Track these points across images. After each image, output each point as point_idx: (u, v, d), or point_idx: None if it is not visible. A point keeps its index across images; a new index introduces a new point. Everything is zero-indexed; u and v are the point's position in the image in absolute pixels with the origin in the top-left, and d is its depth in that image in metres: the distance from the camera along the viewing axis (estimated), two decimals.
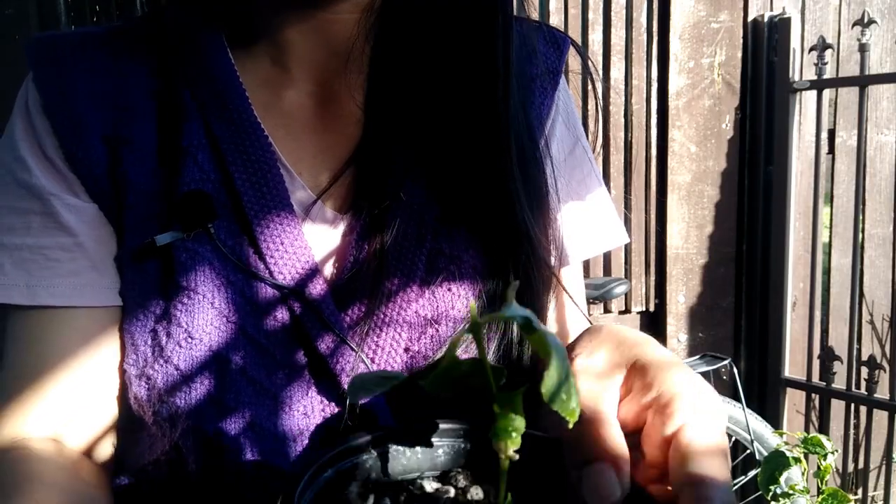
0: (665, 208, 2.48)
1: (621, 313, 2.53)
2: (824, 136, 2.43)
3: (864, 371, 2.37)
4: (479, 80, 0.63)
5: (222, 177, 0.60)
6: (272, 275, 0.59)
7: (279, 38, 0.64)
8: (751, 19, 2.48)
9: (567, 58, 0.73)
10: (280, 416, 0.58)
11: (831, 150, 2.55)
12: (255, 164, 0.61)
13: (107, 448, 0.63)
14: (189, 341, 0.56)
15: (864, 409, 2.51)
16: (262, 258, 0.59)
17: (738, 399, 2.16)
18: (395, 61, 0.65)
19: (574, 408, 0.31)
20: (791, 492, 1.66)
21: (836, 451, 2.01)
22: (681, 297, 2.54)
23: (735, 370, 2.21)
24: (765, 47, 2.46)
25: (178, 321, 0.56)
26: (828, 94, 2.41)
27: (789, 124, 2.42)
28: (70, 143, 0.60)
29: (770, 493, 1.66)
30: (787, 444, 1.87)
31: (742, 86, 2.51)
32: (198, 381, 0.56)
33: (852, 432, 2.61)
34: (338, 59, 0.64)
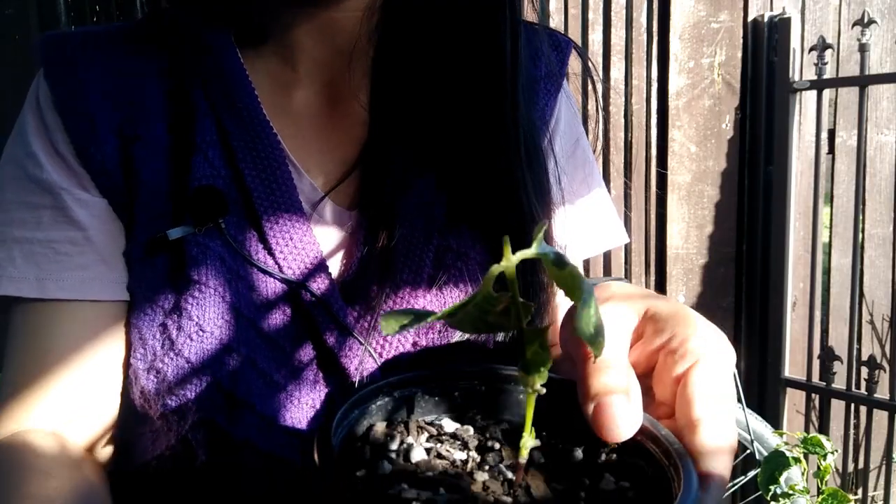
0: (665, 208, 2.48)
1: None
2: (824, 136, 2.43)
3: (864, 371, 2.37)
4: (487, 78, 0.63)
5: (232, 173, 0.61)
6: (281, 270, 0.60)
7: (286, 38, 0.64)
8: (751, 19, 2.48)
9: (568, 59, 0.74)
10: (289, 408, 0.58)
11: (831, 150, 2.55)
12: (264, 162, 0.61)
13: (108, 443, 0.63)
14: (200, 334, 0.57)
15: (864, 409, 2.51)
16: (271, 253, 0.60)
17: (737, 399, 2.17)
18: (398, 61, 0.65)
19: (602, 341, 0.33)
20: (791, 492, 1.66)
21: (836, 451, 2.01)
22: (681, 297, 2.54)
23: (735, 370, 2.21)
24: (765, 47, 2.46)
25: (189, 314, 0.57)
26: (828, 94, 2.41)
27: (789, 124, 2.42)
28: (81, 138, 0.60)
29: (770, 493, 1.66)
30: (787, 444, 1.87)
31: (742, 86, 2.51)
32: (209, 373, 0.56)
33: (852, 432, 2.60)
34: (343, 59, 0.64)
